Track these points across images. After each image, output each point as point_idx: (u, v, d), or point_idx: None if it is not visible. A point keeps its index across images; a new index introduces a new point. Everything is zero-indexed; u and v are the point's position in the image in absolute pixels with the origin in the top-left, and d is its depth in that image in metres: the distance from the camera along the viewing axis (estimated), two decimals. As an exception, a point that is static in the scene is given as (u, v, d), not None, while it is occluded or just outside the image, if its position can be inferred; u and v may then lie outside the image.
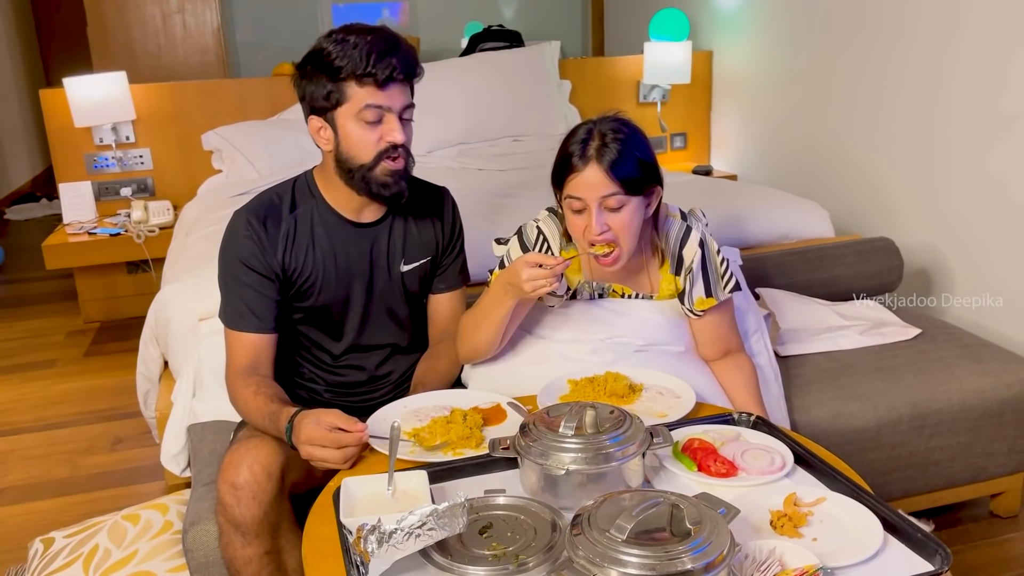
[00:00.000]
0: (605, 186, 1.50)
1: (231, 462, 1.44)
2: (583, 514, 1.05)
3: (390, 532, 1.05)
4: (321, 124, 1.58)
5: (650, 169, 1.55)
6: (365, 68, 1.49)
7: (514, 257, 1.66)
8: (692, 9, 4.36)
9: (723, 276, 1.67)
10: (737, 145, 4.22)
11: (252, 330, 1.60)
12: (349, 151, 1.57)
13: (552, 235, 1.68)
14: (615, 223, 1.53)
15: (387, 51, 1.51)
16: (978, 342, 2.18)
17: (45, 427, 2.86)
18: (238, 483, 1.41)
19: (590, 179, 1.51)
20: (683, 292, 1.67)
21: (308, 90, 1.56)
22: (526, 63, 4.06)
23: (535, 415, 1.31)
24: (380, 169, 1.57)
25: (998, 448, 2.08)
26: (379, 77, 1.50)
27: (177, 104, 3.73)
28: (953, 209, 2.86)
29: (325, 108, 1.56)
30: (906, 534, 1.15)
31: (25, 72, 6.82)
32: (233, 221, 1.63)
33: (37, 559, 1.77)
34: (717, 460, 1.32)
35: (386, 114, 1.54)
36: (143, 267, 3.63)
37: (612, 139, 1.51)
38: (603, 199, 1.51)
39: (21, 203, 6.16)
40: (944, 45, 2.83)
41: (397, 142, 1.55)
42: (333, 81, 1.52)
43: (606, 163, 1.50)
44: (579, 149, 1.52)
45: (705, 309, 1.67)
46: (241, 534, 1.43)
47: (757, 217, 2.71)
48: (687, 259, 1.65)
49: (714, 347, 1.73)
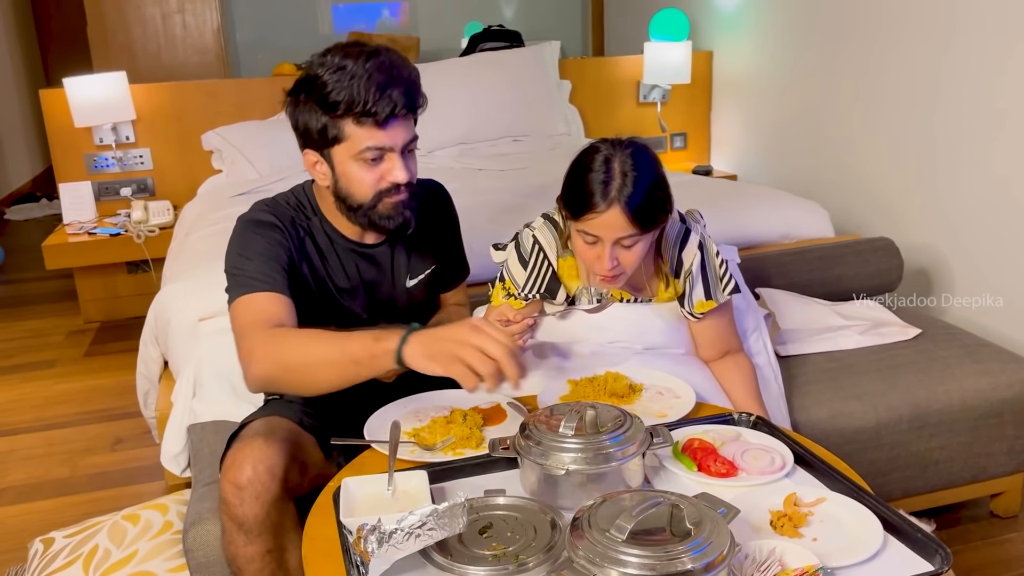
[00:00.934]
0: (625, 229, 1.48)
1: (235, 461, 1.41)
2: (583, 514, 1.05)
3: (390, 532, 1.05)
4: (317, 159, 1.49)
5: (666, 203, 1.53)
6: (364, 107, 1.39)
7: (512, 268, 1.68)
8: (692, 9, 4.36)
9: (722, 278, 1.67)
10: (737, 145, 4.22)
11: (270, 289, 1.44)
12: (348, 188, 1.48)
13: (548, 244, 1.67)
14: (625, 258, 1.53)
15: (388, 83, 1.40)
16: (978, 342, 2.18)
17: (45, 427, 2.86)
18: (241, 482, 1.39)
19: (611, 222, 1.47)
20: (683, 295, 1.68)
21: (302, 120, 1.46)
22: (526, 63, 4.06)
23: (535, 415, 1.31)
24: (382, 206, 1.49)
25: (998, 448, 2.08)
26: (380, 116, 1.40)
27: (177, 104, 3.73)
28: (953, 209, 2.86)
29: (321, 144, 1.46)
30: (906, 534, 1.15)
31: (25, 72, 6.82)
32: (247, 214, 1.56)
33: (37, 559, 1.77)
34: (717, 460, 1.32)
35: (387, 153, 1.45)
36: (143, 267, 3.63)
37: (633, 179, 1.46)
38: (619, 239, 1.50)
39: (21, 203, 6.16)
40: (943, 45, 2.83)
41: (399, 182, 1.47)
42: (329, 116, 1.42)
43: (629, 207, 1.46)
44: (600, 189, 1.46)
45: (705, 312, 1.68)
46: (244, 533, 1.42)
47: (757, 217, 2.71)
48: (686, 262, 1.65)
49: (714, 348, 1.73)
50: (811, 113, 3.58)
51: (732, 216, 2.66)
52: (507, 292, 1.71)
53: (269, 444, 1.42)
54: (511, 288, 1.70)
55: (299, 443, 1.50)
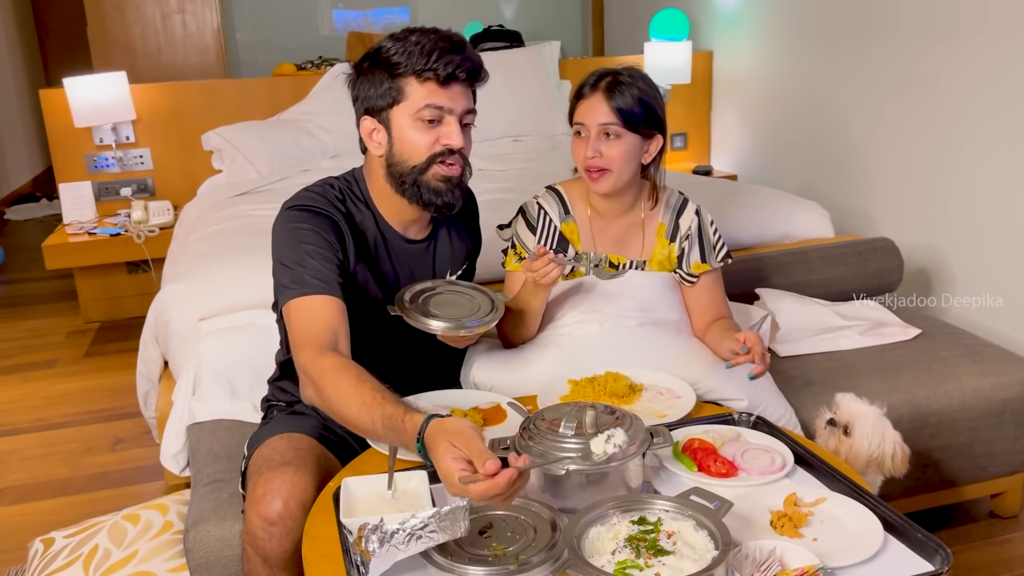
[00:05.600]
0: (604, 114, 1.65)
1: (265, 494, 1.33)
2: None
3: (392, 532, 1.05)
4: (374, 125, 1.50)
5: (651, 113, 1.68)
6: (427, 64, 1.42)
7: (520, 234, 1.79)
8: (692, 9, 4.36)
9: (716, 245, 1.80)
10: (737, 145, 4.22)
11: (326, 293, 1.42)
12: (402, 153, 1.48)
13: (551, 208, 1.79)
14: (609, 151, 1.66)
15: (451, 49, 1.43)
16: (978, 342, 2.18)
17: (45, 427, 2.86)
18: (272, 518, 1.32)
19: (593, 106, 1.66)
20: (680, 256, 1.78)
21: (363, 89, 1.48)
22: (526, 63, 4.06)
23: (535, 415, 1.31)
24: (432, 173, 1.48)
25: (998, 448, 2.08)
26: (440, 74, 1.42)
27: (177, 104, 3.73)
28: (953, 209, 2.86)
29: (380, 107, 1.47)
30: (906, 534, 1.15)
31: (25, 72, 6.82)
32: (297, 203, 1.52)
33: (37, 559, 1.77)
34: (717, 460, 1.32)
35: (446, 116, 1.46)
36: (143, 267, 3.63)
37: (622, 79, 1.66)
38: (601, 126, 1.65)
39: (21, 203, 6.16)
40: (943, 44, 2.83)
41: (454, 146, 1.47)
42: (391, 78, 1.44)
43: (609, 94, 1.65)
44: (591, 80, 1.68)
45: (699, 274, 1.77)
46: (269, 567, 1.36)
47: (757, 217, 2.71)
48: (683, 226, 1.78)
49: (707, 315, 1.80)
50: (811, 113, 3.57)
51: (732, 216, 2.65)
52: (519, 256, 1.78)
53: (300, 475, 1.35)
54: (522, 252, 1.78)
55: (325, 467, 1.46)
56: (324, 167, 3.48)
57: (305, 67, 4.59)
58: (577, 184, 1.80)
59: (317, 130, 3.59)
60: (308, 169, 3.45)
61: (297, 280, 1.43)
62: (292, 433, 1.51)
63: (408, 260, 1.61)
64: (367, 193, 1.58)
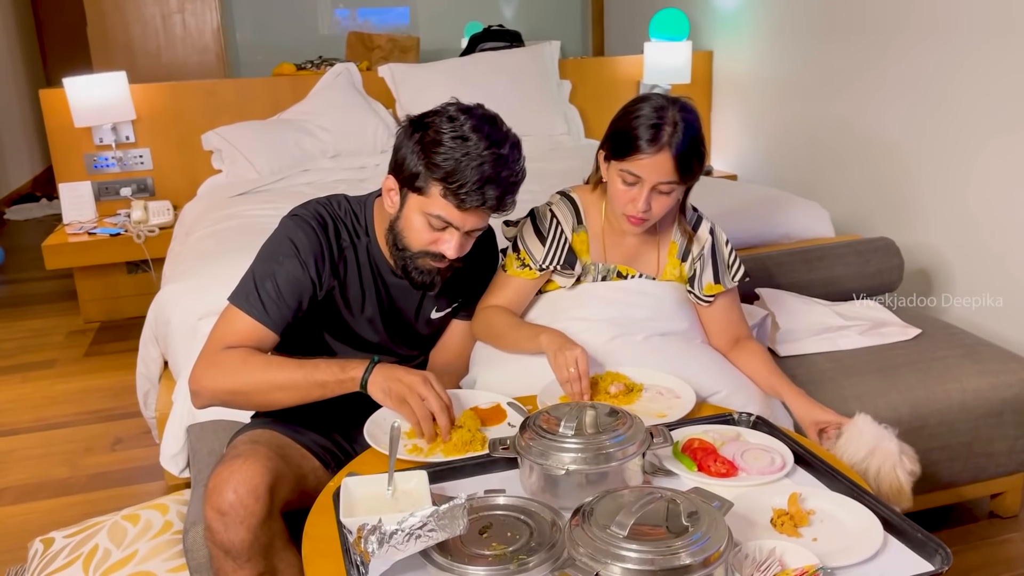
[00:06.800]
0: (668, 175, 1.57)
1: (215, 486, 1.35)
2: (582, 509, 1.05)
3: (391, 533, 1.05)
4: (394, 187, 1.52)
5: (704, 159, 1.63)
6: (457, 188, 1.42)
7: (527, 240, 1.74)
8: (692, 9, 4.36)
9: (731, 265, 1.75)
10: (737, 145, 4.22)
11: (262, 323, 1.49)
12: (404, 230, 1.52)
13: (565, 219, 1.73)
14: (658, 204, 1.61)
15: (491, 180, 1.43)
16: (978, 342, 2.18)
17: (45, 427, 2.86)
18: (223, 508, 1.33)
19: (657, 165, 1.56)
20: (692, 278, 1.74)
21: (403, 152, 1.48)
22: (526, 63, 4.06)
23: (535, 415, 1.31)
24: (422, 261, 1.53)
25: (998, 448, 2.08)
26: (464, 204, 1.44)
27: (177, 104, 3.73)
28: (953, 209, 2.86)
29: (404, 180, 1.48)
30: (906, 534, 1.15)
31: (25, 72, 6.82)
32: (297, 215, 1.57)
33: (37, 559, 1.77)
34: (717, 460, 1.32)
35: (451, 228, 1.48)
36: (143, 267, 3.63)
37: (683, 129, 1.55)
38: (659, 184, 1.57)
39: (21, 203, 6.16)
40: (944, 44, 2.83)
41: (448, 256, 1.50)
42: (425, 167, 1.44)
43: (676, 154, 1.55)
44: (651, 133, 1.55)
45: (714, 295, 1.74)
46: (232, 559, 1.36)
47: (757, 217, 2.71)
48: (696, 245, 1.73)
49: (724, 335, 1.77)
50: (811, 113, 3.58)
51: (732, 216, 2.65)
52: (521, 263, 1.74)
53: (250, 464, 1.36)
54: (526, 259, 1.73)
55: (287, 456, 1.47)
56: (324, 167, 3.48)
57: (305, 67, 4.58)
58: (592, 193, 1.76)
59: (317, 130, 3.59)
60: (308, 169, 3.45)
61: (249, 293, 1.51)
62: (256, 430, 1.54)
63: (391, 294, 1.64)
64: (372, 227, 1.61)
